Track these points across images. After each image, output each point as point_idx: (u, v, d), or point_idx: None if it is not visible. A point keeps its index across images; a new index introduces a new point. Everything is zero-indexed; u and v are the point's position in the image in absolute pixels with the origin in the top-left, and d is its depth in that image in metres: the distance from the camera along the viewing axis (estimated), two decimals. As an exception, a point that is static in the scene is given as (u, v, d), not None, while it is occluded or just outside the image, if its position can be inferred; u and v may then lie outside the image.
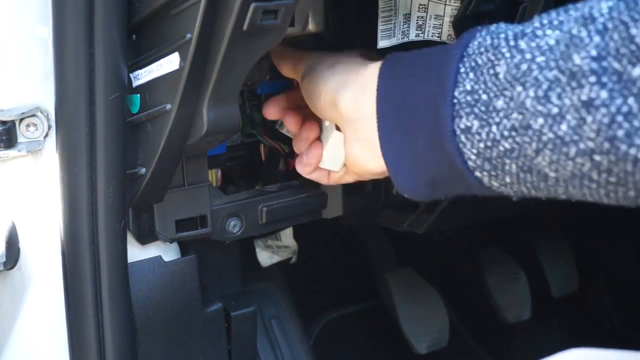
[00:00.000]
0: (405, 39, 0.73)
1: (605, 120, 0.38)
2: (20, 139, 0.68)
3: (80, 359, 0.73)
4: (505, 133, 0.44)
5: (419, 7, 0.69)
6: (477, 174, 0.48)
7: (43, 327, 0.76)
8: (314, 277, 1.04)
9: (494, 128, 0.45)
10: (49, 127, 0.69)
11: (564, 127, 0.41)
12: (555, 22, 0.43)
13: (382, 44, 0.73)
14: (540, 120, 0.42)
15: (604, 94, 0.38)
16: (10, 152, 0.68)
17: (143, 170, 0.68)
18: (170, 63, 0.63)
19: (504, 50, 0.46)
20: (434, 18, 0.70)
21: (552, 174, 0.43)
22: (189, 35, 0.59)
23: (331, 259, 1.16)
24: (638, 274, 1.20)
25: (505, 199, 0.57)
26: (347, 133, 0.62)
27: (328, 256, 1.16)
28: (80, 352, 0.72)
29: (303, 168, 0.72)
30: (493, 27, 0.50)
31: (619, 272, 1.23)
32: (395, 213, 0.87)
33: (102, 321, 0.70)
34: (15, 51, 0.69)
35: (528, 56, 0.43)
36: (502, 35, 0.46)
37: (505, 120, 0.44)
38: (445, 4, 0.68)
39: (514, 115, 0.43)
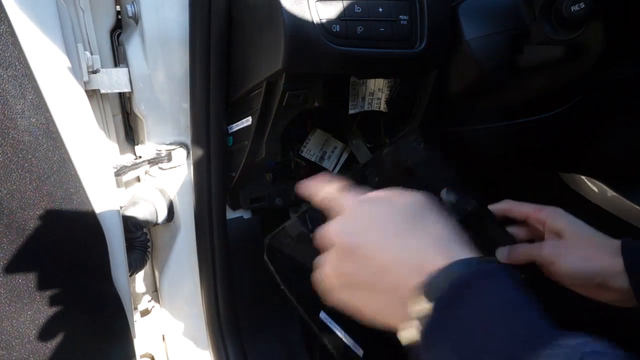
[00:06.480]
0: (363, 109, 0.85)
1: None
2: (174, 158, 0.88)
3: (202, 266, 0.89)
4: None
5: (369, 94, 0.82)
6: None
7: (185, 250, 0.93)
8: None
9: None
10: (188, 152, 0.87)
11: None
12: None
13: (351, 111, 0.85)
14: None
15: None
16: (170, 164, 0.89)
17: (234, 174, 0.84)
18: (246, 121, 0.79)
19: None
20: (377, 99, 0.82)
21: None
22: (256, 107, 0.75)
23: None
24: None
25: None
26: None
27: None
28: (202, 262, 0.89)
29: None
30: None
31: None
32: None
33: (213, 246, 0.87)
34: (173, 117, 0.86)
35: None
36: None
37: None
38: (382, 92, 0.81)
39: None
